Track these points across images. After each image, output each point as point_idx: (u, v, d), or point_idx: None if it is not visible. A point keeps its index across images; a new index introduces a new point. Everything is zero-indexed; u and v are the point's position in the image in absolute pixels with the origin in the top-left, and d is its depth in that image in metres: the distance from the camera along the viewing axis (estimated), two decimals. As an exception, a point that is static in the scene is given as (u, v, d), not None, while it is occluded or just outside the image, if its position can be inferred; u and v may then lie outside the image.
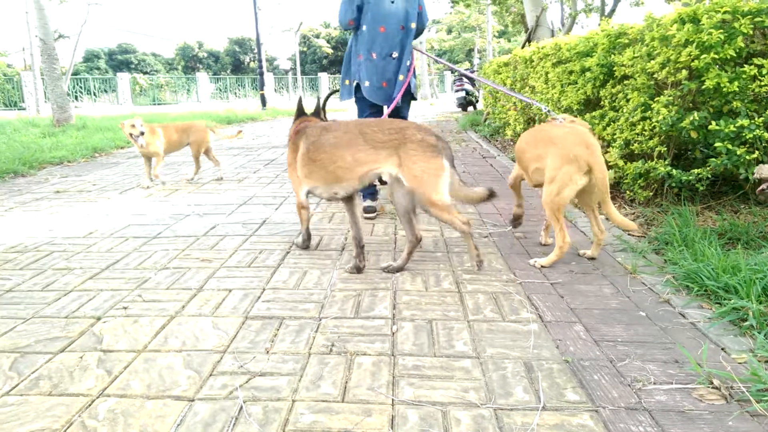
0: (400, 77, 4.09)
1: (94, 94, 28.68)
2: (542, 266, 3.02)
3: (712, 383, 1.84)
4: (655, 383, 1.86)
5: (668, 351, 2.08)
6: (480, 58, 31.83)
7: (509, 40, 42.79)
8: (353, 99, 4.26)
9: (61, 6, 23.64)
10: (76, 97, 26.57)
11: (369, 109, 4.25)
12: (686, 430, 1.61)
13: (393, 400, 1.78)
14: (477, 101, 17.21)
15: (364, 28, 4.03)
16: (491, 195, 3.02)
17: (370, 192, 4.18)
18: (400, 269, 2.97)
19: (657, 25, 3.65)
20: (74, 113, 12.42)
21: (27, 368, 2.00)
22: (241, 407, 1.74)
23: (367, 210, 4.14)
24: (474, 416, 1.68)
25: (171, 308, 2.51)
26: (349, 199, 3.16)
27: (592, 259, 3.15)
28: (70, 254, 3.34)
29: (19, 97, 23.53)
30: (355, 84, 4.15)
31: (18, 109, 22.04)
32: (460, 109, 17.51)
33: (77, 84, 27.61)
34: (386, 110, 4.12)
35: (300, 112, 3.40)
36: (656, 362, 2.00)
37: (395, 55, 4.06)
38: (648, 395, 1.79)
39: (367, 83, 4.07)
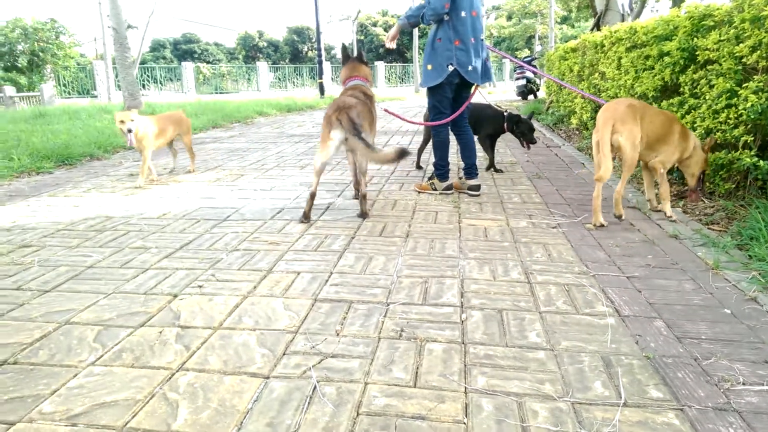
0: (484, 59, 4.32)
1: (160, 83, 29.72)
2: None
3: (809, 387, 1.73)
4: (744, 384, 1.76)
5: (757, 351, 1.96)
6: (541, 45, 31.00)
7: (572, 26, 41.43)
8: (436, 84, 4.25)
9: (131, -3, 24.57)
10: (143, 86, 27.60)
11: (450, 93, 4.32)
12: (783, 435, 1.51)
13: (466, 388, 1.75)
14: (538, 89, 16.79)
15: (462, 14, 4.07)
16: (402, 154, 3.45)
17: (440, 173, 4.52)
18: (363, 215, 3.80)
19: (748, 5, 3.42)
20: (143, 100, 12.92)
21: (110, 341, 2.09)
22: (315, 387, 1.76)
23: (446, 188, 4.55)
24: (551, 409, 1.64)
25: (243, 288, 2.57)
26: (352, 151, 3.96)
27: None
28: (145, 234, 3.47)
29: (92, 85, 24.63)
30: (451, 69, 4.15)
31: (90, 97, 23.12)
32: (520, 98, 17.12)
33: (144, 73, 28.67)
34: (472, 91, 4.47)
35: (347, 56, 4.22)
36: (745, 362, 1.89)
37: (478, 38, 4.21)
38: (737, 396, 1.69)
39: (470, 67, 4.18)
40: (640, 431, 1.53)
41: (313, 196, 3.73)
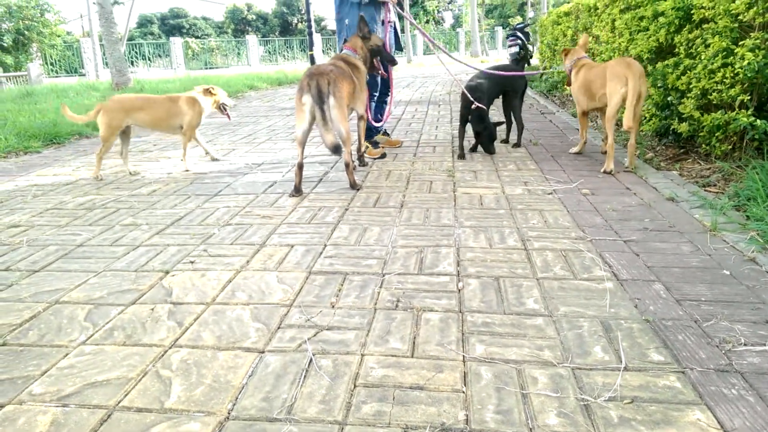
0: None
1: (149, 59, 29.22)
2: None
3: (810, 346, 1.71)
4: (745, 344, 1.74)
5: (758, 311, 1.94)
6: (534, 11, 30.54)
7: (565, -8, 40.70)
8: None
9: (115, -29, 23.93)
10: (132, 62, 27.12)
11: None
12: (785, 394, 1.50)
13: (464, 356, 1.73)
14: (531, 57, 16.56)
15: None
16: (334, 149, 3.40)
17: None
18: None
19: (745, -40, 3.32)
20: (132, 77, 12.68)
21: (101, 319, 2.05)
22: (311, 360, 1.73)
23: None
24: (551, 375, 1.61)
25: (236, 263, 2.52)
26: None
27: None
28: (136, 211, 3.41)
29: (79, 63, 24.18)
30: None
31: (78, 75, 22.72)
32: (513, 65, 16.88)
33: (132, 49, 28.15)
34: None
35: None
36: (745, 323, 1.87)
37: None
38: (739, 357, 1.67)
39: None
40: (642, 395, 1.51)
41: (300, 167, 3.66)
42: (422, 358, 1.73)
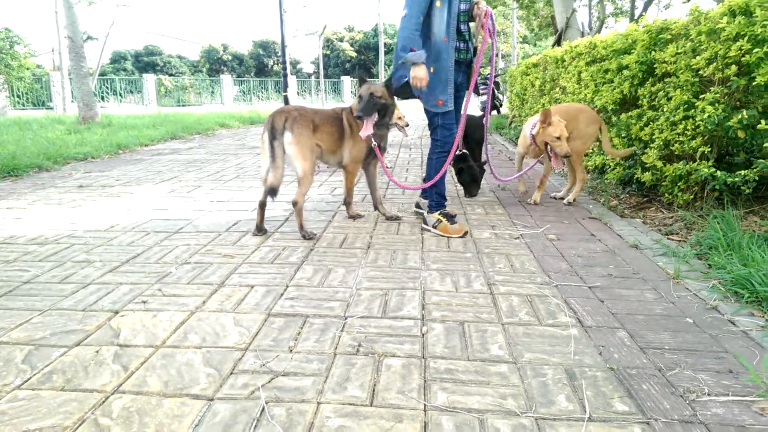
0: None
1: (120, 95, 29.00)
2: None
3: (773, 397, 1.69)
4: (709, 394, 1.71)
5: (721, 360, 1.92)
6: (504, 63, 31.56)
7: (534, 45, 42.36)
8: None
9: (90, 8, 23.99)
10: (102, 98, 26.91)
11: None
12: (751, 448, 1.46)
13: (425, 405, 1.65)
14: (501, 105, 17.01)
15: None
16: (269, 191, 3.43)
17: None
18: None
19: (704, 18, 3.47)
20: (100, 111, 12.53)
21: (40, 361, 1.92)
22: (263, 408, 1.63)
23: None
24: (514, 426, 1.55)
25: (191, 303, 2.42)
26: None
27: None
28: (90, 247, 3.28)
29: (47, 96, 23.88)
30: None
31: (46, 109, 22.39)
32: (483, 113, 17.27)
33: (104, 84, 27.95)
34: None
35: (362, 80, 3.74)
36: (709, 372, 1.84)
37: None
38: (703, 407, 1.64)
39: None
40: (605, 448, 1.45)
41: (262, 206, 3.57)
42: (381, 406, 1.65)
